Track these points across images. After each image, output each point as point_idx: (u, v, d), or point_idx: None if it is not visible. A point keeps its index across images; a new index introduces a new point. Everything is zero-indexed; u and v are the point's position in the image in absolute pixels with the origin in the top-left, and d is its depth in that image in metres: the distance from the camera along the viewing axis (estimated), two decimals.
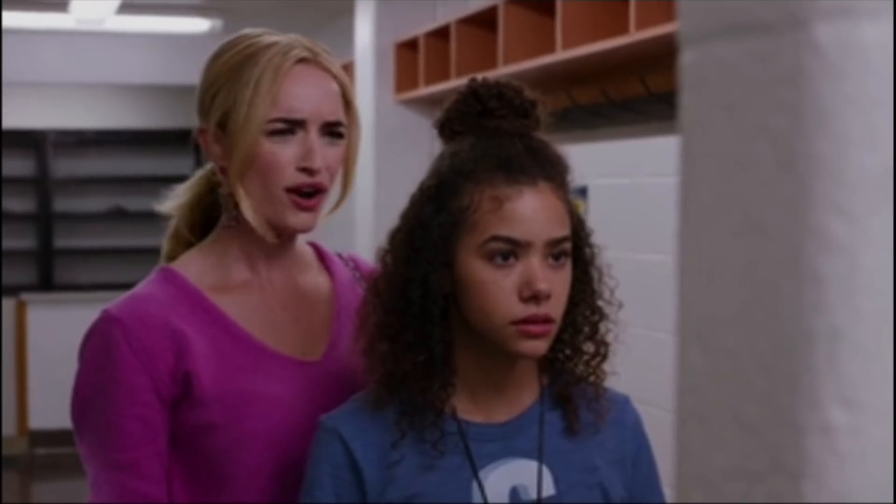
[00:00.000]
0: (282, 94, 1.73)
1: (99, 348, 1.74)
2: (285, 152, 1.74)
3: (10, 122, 9.15)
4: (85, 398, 1.77)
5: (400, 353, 1.61)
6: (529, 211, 1.56)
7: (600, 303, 1.67)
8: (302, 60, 1.76)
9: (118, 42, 7.96)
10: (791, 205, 0.66)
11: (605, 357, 1.68)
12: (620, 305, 1.67)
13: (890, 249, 0.66)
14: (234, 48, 1.79)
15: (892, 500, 0.67)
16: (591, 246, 1.67)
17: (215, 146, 1.79)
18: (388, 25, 5.38)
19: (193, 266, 1.83)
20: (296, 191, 1.75)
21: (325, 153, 1.76)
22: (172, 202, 1.90)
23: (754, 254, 0.68)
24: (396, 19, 5.36)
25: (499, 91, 1.66)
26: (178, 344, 1.73)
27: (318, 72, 1.78)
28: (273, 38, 1.78)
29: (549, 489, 1.64)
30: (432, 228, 1.59)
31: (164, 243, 1.91)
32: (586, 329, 1.66)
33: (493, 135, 1.63)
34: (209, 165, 1.86)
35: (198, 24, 7.32)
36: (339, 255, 1.97)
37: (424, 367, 1.61)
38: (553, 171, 1.61)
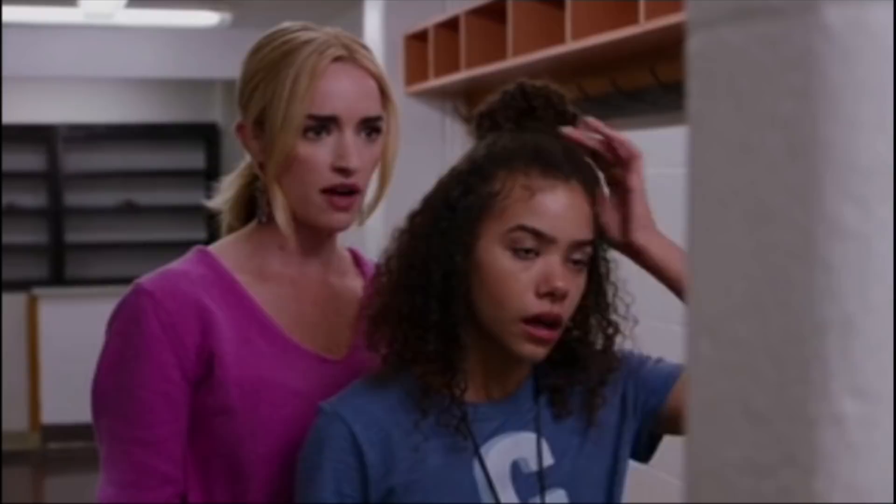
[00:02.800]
0: (318, 92, 1.73)
1: (128, 320, 1.74)
2: (320, 152, 1.74)
3: (21, 117, 9.16)
4: (110, 370, 1.77)
5: (418, 333, 1.61)
6: (559, 207, 1.56)
7: (615, 317, 1.66)
8: (338, 59, 1.76)
9: (128, 36, 7.96)
10: (801, 192, 0.65)
11: (611, 370, 1.68)
12: (636, 322, 1.67)
13: None
14: (271, 43, 1.78)
15: None
16: (607, 260, 1.66)
17: (254, 142, 1.80)
18: (398, 17, 5.36)
19: (230, 251, 1.84)
20: (331, 191, 1.75)
21: (360, 153, 1.75)
22: (220, 197, 1.91)
23: (764, 242, 0.67)
24: (405, 11, 5.35)
25: (546, 95, 1.67)
26: (205, 322, 1.73)
27: (354, 69, 1.77)
28: (311, 35, 1.77)
29: (548, 459, 1.65)
30: (459, 210, 1.59)
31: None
32: (595, 344, 1.66)
33: (533, 131, 1.64)
34: (248, 157, 1.86)
35: (207, 18, 7.31)
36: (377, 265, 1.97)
37: (442, 349, 1.60)
38: (587, 175, 1.61)
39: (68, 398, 7.92)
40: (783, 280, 0.66)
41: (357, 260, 1.96)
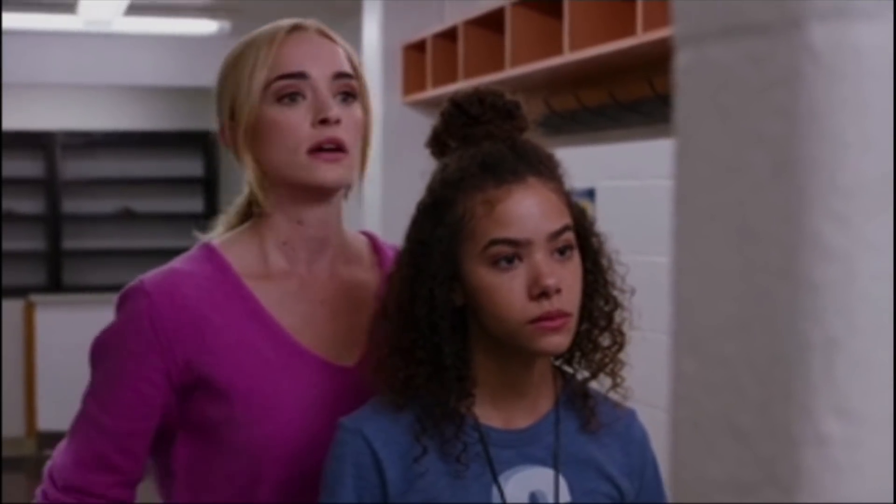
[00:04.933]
0: (281, 56, 1.74)
1: (127, 312, 1.75)
2: (297, 114, 1.73)
3: (19, 124, 9.16)
4: (101, 348, 1.78)
5: (413, 367, 1.61)
6: (522, 209, 1.57)
7: (614, 292, 1.67)
8: (297, 28, 1.77)
9: (126, 44, 7.96)
10: (786, 211, 0.64)
11: (621, 346, 1.68)
12: (633, 292, 1.67)
13: (888, 256, 0.64)
14: (234, 47, 1.81)
15: None
16: (596, 235, 1.67)
17: (231, 138, 1.79)
18: (396, 27, 5.37)
19: (234, 249, 1.81)
20: (317, 149, 1.72)
21: (340, 110, 1.74)
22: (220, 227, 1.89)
23: (749, 261, 0.66)
24: (404, 21, 5.35)
25: (479, 97, 1.67)
26: (204, 331, 1.72)
27: (315, 37, 1.78)
28: (267, 26, 1.79)
29: (564, 496, 1.65)
30: (433, 244, 1.60)
31: None
32: (602, 322, 1.66)
33: (478, 143, 1.64)
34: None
35: (206, 26, 7.32)
36: (396, 250, 1.92)
37: (439, 380, 1.60)
38: (541, 167, 1.61)
39: (65, 405, 7.87)
40: (767, 299, 0.65)
41: (375, 246, 1.91)
